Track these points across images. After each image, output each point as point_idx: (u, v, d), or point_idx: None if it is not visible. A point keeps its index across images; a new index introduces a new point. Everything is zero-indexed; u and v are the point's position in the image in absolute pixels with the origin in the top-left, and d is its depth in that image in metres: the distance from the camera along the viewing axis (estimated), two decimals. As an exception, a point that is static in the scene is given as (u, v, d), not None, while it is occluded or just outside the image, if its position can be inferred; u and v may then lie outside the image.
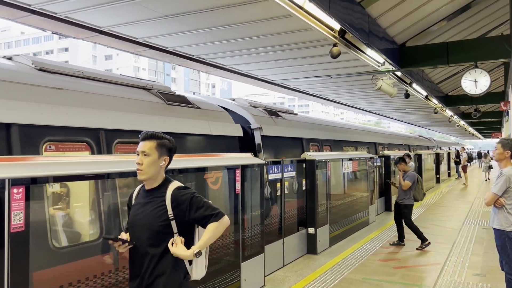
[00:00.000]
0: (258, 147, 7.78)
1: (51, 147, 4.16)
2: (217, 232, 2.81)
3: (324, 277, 6.64)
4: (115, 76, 5.54)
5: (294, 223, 7.94)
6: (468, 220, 11.54)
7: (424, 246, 8.37)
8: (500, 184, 4.95)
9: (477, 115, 18.37)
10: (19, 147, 3.81)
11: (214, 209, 2.82)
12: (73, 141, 4.34)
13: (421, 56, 9.46)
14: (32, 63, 4.70)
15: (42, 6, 5.85)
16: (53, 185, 3.55)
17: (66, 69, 4.89)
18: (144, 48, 8.05)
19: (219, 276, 5.22)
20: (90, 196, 4.04)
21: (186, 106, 6.26)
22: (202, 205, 2.80)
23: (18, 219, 2.96)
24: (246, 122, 7.81)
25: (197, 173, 5.26)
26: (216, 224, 2.79)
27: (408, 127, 45.62)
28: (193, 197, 2.81)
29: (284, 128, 8.81)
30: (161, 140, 2.85)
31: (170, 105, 5.89)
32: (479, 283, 6.28)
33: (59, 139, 4.21)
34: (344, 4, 6.23)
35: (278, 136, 8.43)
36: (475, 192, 18.74)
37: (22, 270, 3.02)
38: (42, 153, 3.98)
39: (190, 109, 6.29)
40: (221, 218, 2.81)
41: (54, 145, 4.18)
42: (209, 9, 6.31)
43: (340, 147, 11.91)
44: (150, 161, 2.79)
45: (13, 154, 3.74)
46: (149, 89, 5.95)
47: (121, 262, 3.93)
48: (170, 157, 2.91)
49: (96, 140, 4.49)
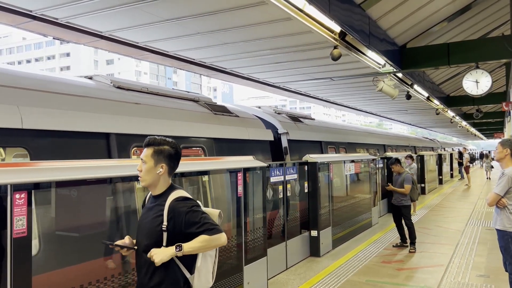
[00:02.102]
0: (285, 150, 8.89)
1: (137, 152, 5.08)
2: (205, 245, 2.65)
3: (327, 280, 6.62)
4: (169, 90, 6.59)
5: (297, 226, 7.93)
6: (471, 221, 11.51)
7: (414, 249, 8.37)
8: (502, 185, 4.94)
9: (479, 116, 18.33)
10: (116, 151, 4.72)
11: (211, 225, 2.67)
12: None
13: (422, 57, 9.46)
14: (110, 81, 5.59)
15: (43, 12, 5.87)
16: (56, 190, 3.55)
17: (136, 86, 5.88)
18: (145, 52, 8.07)
19: (222, 280, 5.21)
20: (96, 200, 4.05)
21: (228, 115, 7.29)
22: (198, 220, 2.66)
23: (21, 225, 2.96)
24: (272, 127, 8.86)
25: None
26: (207, 238, 2.63)
27: (410, 128, 45.53)
28: (190, 211, 2.67)
29: (306, 133, 9.94)
30: (158, 147, 2.77)
31: (216, 114, 6.94)
32: (483, 284, 6.25)
33: (142, 145, 4.53)
34: (344, 6, 6.24)
35: (301, 140, 9.49)
36: (478, 192, 18.69)
37: (25, 275, 3.02)
38: (131, 157, 4.90)
39: (231, 118, 7.34)
40: (215, 234, 2.65)
41: (139, 150, 5.04)
42: (210, 13, 6.33)
43: (354, 149, 12.94)
44: (147, 168, 2.76)
45: (111, 157, 4.66)
46: (197, 101, 6.99)
47: (126, 266, 3.93)
48: (170, 164, 2.80)
49: None
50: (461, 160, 26.83)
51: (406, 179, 8.72)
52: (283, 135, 8.93)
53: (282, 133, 8.93)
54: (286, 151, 8.86)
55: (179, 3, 5.92)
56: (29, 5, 5.66)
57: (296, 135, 9.27)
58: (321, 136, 10.74)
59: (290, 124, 9.48)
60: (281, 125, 8.99)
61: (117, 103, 5.10)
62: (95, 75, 5.69)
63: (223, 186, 5.76)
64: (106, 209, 4.02)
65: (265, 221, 6.28)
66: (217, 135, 6.60)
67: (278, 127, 8.97)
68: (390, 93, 10.57)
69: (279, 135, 8.92)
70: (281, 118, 9.39)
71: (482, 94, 9.41)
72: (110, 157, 4.61)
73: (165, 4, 5.90)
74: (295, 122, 9.86)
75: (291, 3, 5.14)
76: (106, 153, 4.68)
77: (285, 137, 8.90)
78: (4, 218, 2.90)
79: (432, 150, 25.91)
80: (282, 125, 8.98)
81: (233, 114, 7.51)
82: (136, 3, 5.77)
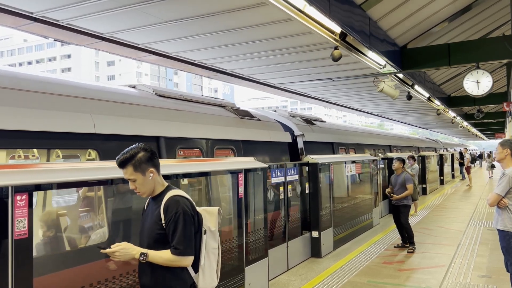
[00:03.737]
0: (301, 150, 9.53)
1: (181, 153, 5.73)
2: (167, 263, 2.66)
3: (328, 281, 6.62)
4: (200, 97, 7.27)
5: (298, 227, 7.93)
6: (472, 221, 11.49)
7: (413, 249, 8.39)
8: (503, 185, 4.94)
9: (480, 116, 18.32)
10: (165, 152, 5.41)
11: (185, 246, 2.65)
12: (192, 148, 6.04)
13: (423, 57, 9.45)
14: (153, 90, 6.21)
15: (44, 13, 5.88)
16: (57, 192, 3.56)
17: (174, 94, 6.54)
18: (146, 54, 8.07)
19: (224, 281, 5.21)
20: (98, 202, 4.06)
21: (251, 119, 7.94)
22: (177, 232, 2.66)
23: (22, 226, 2.96)
24: (289, 129, 9.49)
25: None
26: (172, 258, 2.64)
27: (411, 128, 45.50)
28: (177, 217, 2.67)
29: (319, 134, 10.66)
30: (133, 161, 2.74)
31: (242, 119, 7.58)
32: (485, 285, 6.24)
33: (185, 146, 5.87)
34: (344, 7, 6.24)
35: (314, 141, 10.21)
36: (479, 193, 18.67)
37: (26, 277, 3.02)
38: (176, 157, 5.54)
39: (255, 121, 7.99)
40: (182, 256, 2.65)
41: (183, 151, 5.83)
42: (210, 14, 6.34)
43: (362, 150, 13.60)
44: (139, 183, 2.76)
45: (161, 158, 5.11)
46: (224, 106, 7.61)
47: (126, 268, 3.93)
48: (154, 164, 2.81)
49: (204, 147, 6.25)
50: (462, 160, 26.82)
51: (407, 179, 8.71)
52: (299, 137, 9.58)
53: (298, 135, 9.59)
54: (302, 152, 9.49)
55: (180, 4, 5.92)
56: (30, 7, 5.67)
57: (310, 137, 9.95)
58: (332, 138, 11.44)
59: (305, 126, 10.13)
60: (297, 127, 9.67)
61: (162, 110, 5.80)
62: (138, 84, 6.34)
63: (223, 187, 5.76)
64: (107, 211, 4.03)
65: (266, 222, 6.28)
66: (244, 137, 7.30)
67: (294, 129, 9.61)
68: (391, 93, 10.57)
69: (295, 137, 9.57)
70: (296, 121, 10.05)
71: (483, 95, 9.40)
72: (161, 157, 5.02)
73: (165, 5, 5.90)
74: (309, 125, 10.54)
75: (291, 4, 5.14)
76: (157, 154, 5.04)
77: (301, 138, 9.57)
78: (5, 219, 2.90)
79: (435, 150, 26.35)
80: (298, 128, 9.66)
81: (256, 118, 8.18)
82: (137, 4, 5.78)
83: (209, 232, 2.87)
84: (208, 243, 2.84)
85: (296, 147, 9.56)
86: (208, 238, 2.84)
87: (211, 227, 2.88)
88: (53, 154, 4.41)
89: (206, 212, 2.90)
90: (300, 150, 9.49)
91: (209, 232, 2.87)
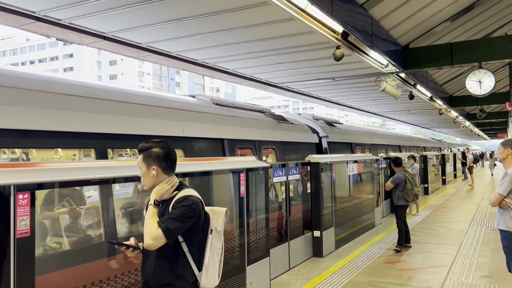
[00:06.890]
0: (325, 150, 10.60)
1: (239, 152, 7.14)
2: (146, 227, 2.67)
3: (330, 280, 6.62)
4: (244, 104, 8.65)
5: (300, 226, 7.92)
6: (475, 221, 11.47)
7: (399, 249, 8.35)
8: (505, 185, 4.92)
9: (482, 116, 18.26)
10: (228, 152, 6.75)
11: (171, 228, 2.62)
12: (247, 148, 7.35)
13: (425, 57, 9.43)
14: (210, 100, 7.63)
15: (46, 13, 5.90)
16: (58, 190, 3.56)
17: (226, 102, 7.95)
18: (148, 53, 8.08)
19: (225, 280, 5.21)
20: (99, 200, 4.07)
21: (286, 122, 9.20)
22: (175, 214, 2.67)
23: (24, 225, 2.97)
24: (314, 131, 10.52)
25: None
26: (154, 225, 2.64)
27: (413, 128, 45.39)
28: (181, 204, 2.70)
29: (340, 135, 11.83)
30: (146, 152, 2.82)
31: (279, 123, 8.87)
32: (487, 285, 6.23)
33: (241, 146, 7.22)
34: (346, 7, 6.23)
35: (336, 141, 11.35)
36: (482, 193, 18.62)
37: (28, 276, 3.03)
38: (235, 155, 6.84)
39: (289, 125, 9.28)
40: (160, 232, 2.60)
41: (240, 150, 7.18)
42: (212, 14, 6.34)
43: (376, 149, 14.86)
44: (142, 173, 2.85)
45: (225, 155, 6.58)
46: (263, 112, 8.97)
47: (132, 266, 3.93)
48: (161, 165, 2.80)
49: (255, 146, 7.57)
50: (464, 160, 26.78)
51: (392, 178, 8.86)
52: (323, 138, 10.62)
53: (323, 136, 10.62)
54: (326, 151, 10.46)
55: (181, 4, 5.93)
56: (32, 6, 5.69)
57: (333, 138, 11.09)
58: (351, 139, 12.54)
59: (327, 128, 11.26)
60: (322, 129, 10.73)
61: (222, 116, 7.11)
62: (197, 95, 7.71)
63: (225, 187, 5.76)
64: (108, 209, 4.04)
65: (267, 221, 6.28)
66: (282, 139, 8.62)
67: (319, 131, 10.65)
68: (393, 93, 10.56)
69: (319, 138, 10.59)
70: (319, 123, 11.16)
71: (485, 94, 9.38)
72: (224, 155, 6.57)
73: (167, 5, 5.91)
74: (331, 127, 11.67)
75: (293, 4, 5.13)
76: (222, 152, 6.69)
77: (325, 139, 10.59)
78: (7, 218, 2.91)
79: (440, 150, 27.22)
80: (322, 130, 10.70)
81: (289, 122, 9.38)
82: (139, 4, 5.79)
83: (215, 232, 2.88)
84: (213, 243, 2.86)
85: (321, 147, 10.53)
86: (214, 238, 2.86)
87: (218, 227, 2.90)
88: None
89: (214, 212, 2.91)
90: (324, 150, 10.46)
91: (215, 232, 2.88)
